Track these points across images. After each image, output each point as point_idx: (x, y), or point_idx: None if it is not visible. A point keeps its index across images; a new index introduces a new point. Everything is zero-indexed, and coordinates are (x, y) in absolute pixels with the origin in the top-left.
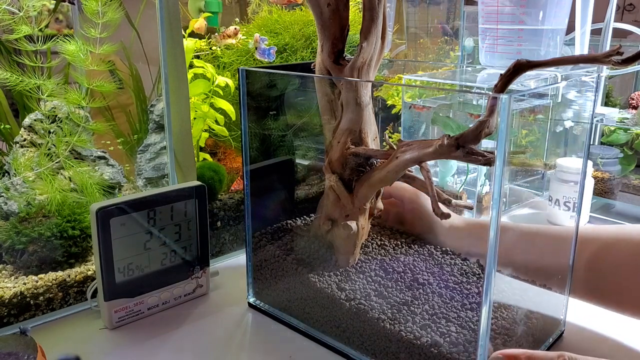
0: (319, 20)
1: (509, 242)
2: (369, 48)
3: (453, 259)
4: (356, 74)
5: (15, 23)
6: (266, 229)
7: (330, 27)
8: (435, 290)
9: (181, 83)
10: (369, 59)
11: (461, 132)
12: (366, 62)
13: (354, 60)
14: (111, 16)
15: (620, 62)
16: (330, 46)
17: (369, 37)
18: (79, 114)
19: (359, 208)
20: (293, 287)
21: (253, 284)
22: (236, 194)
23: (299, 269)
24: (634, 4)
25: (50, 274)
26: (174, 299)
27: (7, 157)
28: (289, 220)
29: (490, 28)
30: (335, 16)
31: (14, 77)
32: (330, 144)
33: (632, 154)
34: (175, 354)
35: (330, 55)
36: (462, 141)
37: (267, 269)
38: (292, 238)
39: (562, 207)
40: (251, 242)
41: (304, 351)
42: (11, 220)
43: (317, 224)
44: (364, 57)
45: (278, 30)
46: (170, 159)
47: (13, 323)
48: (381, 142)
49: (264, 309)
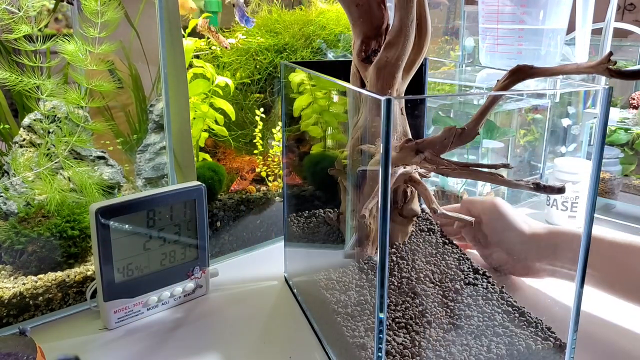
0: (349, 18)
1: (602, 254)
2: (394, 47)
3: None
4: (380, 73)
5: (14, 23)
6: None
7: (360, 25)
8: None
9: (181, 83)
10: (395, 59)
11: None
12: (392, 62)
13: (377, 59)
14: (110, 16)
15: (619, 73)
16: (359, 44)
17: (394, 36)
18: (78, 113)
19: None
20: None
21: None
22: (236, 194)
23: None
24: (634, 4)
25: (49, 274)
26: (174, 300)
27: (6, 157)
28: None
29: (491, 28)
30: (367, 15)
31: (13, 76)
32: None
33: (633, 154)
34: (174, 354)
35: (359, 54)
36: (422, 147)
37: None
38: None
39: (560, 207)
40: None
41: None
42: (10, 220)
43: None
44: (387, 56)
45: (278, 30)
46: (169, 159)
47: (12, 323)
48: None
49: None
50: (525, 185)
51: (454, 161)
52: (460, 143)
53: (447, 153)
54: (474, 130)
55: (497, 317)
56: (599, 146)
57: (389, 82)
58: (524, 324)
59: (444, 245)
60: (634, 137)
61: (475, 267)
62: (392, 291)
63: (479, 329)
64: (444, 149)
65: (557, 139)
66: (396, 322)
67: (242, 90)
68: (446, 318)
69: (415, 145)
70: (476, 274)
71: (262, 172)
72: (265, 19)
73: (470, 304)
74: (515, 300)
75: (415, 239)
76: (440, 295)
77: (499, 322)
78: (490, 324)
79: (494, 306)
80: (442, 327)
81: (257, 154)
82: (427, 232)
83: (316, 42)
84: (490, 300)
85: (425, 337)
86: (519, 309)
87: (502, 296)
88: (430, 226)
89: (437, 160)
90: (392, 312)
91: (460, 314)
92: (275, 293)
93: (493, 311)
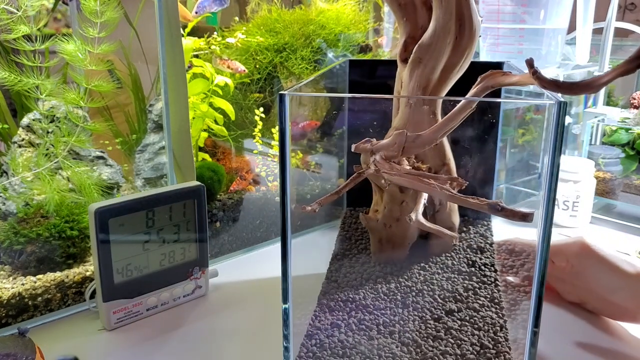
0: (396, 17)
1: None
2: (428, 48)
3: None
4: (413, 74)
5: (13, 23)
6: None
7: (404, 25)
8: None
9: (180, 82)
10: (428, 59)
11: None
12: (425, 63)
13: (410, 60)
14: (110, 15)
15: (552, 84)
16: (402, 44)
17: (428, 37)
18: (77, 113)
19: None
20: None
21: None
22: (235, 194)
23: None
24: (635, 3)
25: (48, 274)
26: (173, 300)
27: (5, 157)
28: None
29: (491, 27)
30: (411, 16)
31: (12, 76)
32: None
33: (634, 154)
34: (174, 355)
35: (401, 54)
36: (376, 149)
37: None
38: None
39: (561, 207)
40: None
41: None
42: (9, 220)
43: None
44: (420, 57)
45: (278, 29)
46: (169, 159)
47: (11, 324)
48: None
49: None
50: (478, 205)
51: (398, 167)
52: (417, 149)
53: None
54: (432, 136)
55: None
56: (552, 161)
57: (422, 83)
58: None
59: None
60: (635, 137)
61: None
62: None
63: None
64: (395, 154)
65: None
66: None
67: (241, 90)
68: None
69: (371, 146)
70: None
71: (262, 172)
72: (265, 19)
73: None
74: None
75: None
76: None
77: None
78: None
79: None
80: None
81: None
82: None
83: (316, 42)
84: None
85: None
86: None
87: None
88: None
89: (382, 164)
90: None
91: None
92: (275, 293)
93: None
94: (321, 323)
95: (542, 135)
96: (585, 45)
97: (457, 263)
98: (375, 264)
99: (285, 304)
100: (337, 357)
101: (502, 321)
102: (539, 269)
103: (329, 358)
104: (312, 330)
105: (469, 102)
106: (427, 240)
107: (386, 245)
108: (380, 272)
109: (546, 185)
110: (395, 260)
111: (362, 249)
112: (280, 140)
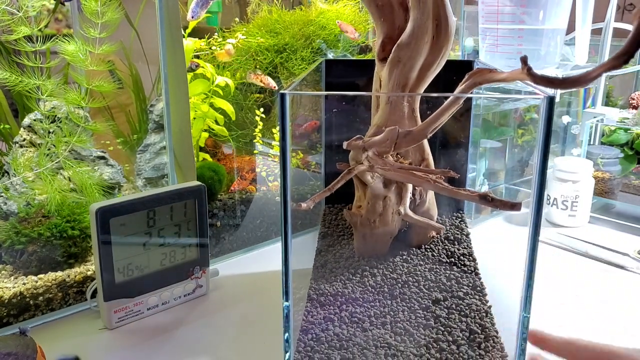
0: (372, 18)
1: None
2: (406, 48)
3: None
4: (392, 73)
5: (14, 24)
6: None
7: (382, 26)
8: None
9: (181, 83)
10: (407, 59)
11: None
12: (404, 62)
13: (389, 59)
14: (111, 16)
15: (545, 80)
16: (380, 44)
17: (406, 36)
18: (78, 114)
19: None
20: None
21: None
22: (236, 194)
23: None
24: (634, 4)
25: (49, 274)
26: (174, 299)
27: (6, 157)
28: None
29: (491, 28)
30: (388, 16)
31: (14, 77)
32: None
33: (633, 154)
34: (174, 354)
35: (379, 53)
36: (368, 145)
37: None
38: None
39: (560, 206)
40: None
41: None
42: (11, 220)
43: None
44: (399, 56)
45: (278, 30)
46: (169, 159)
47: (13, 323)
48: None
49: None
50: (470, 196)
51: (392, 162)
52: (407, 144)
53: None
54: (422, 133)
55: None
56: (540, 162)
57: (401, 82)
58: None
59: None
60: (634, 137)
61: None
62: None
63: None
64: (387, 150)
65: (557, 138)
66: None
67: (242, 90)
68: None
69: (363, 143)
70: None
71: (262, 173)
72: (265, 19)
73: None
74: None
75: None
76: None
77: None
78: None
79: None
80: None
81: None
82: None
83: (316, 42)
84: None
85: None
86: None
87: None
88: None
89: (376, 160)
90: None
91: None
92: (275, 293)
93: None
94: (314, 318)
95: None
96: (584, 45)
97: (437, 254)
98: (359, 258)
99: (286, 301)
100: (335, 350)
101: (486, 307)
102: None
103: (327, 351)
104: (307, 325)
105: (457, 99)
106: (406, 234)
107: (370, 240)
108: (365, 266)
109: (536, 169)
110: (378, 254)
111: (345, 245)
112: (280, 139)
